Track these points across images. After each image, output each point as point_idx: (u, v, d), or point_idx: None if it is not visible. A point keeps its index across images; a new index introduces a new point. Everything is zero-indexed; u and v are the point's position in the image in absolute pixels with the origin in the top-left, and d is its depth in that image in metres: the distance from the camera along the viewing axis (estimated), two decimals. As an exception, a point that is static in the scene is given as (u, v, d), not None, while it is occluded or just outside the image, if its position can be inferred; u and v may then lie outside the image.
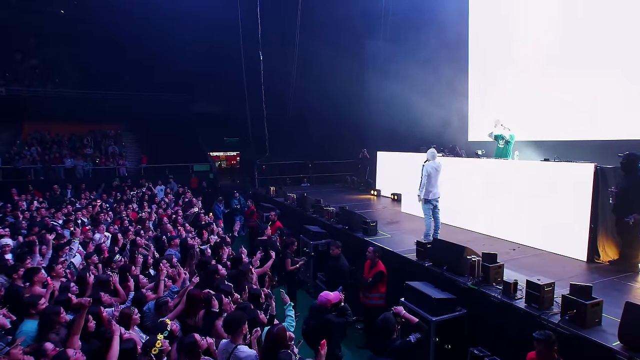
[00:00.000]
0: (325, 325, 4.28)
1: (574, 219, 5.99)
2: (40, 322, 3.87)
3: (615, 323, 3.69)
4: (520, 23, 11.29)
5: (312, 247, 8.02)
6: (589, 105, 9.23)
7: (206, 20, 17.84)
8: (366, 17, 15.05)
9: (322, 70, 15.13)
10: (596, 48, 9.12)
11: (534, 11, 10.86)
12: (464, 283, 5.12)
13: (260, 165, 15.73)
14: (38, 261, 6.00)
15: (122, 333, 3.64)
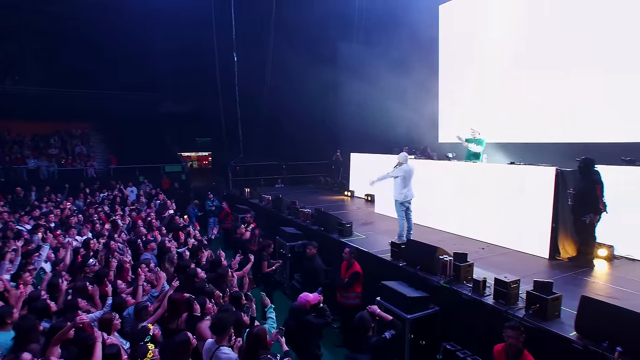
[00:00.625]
0: (304, 325, 4.42)
1: (537, 219, 6.37)
2: (17, 336, 3.80)
3: (572, 315, 4.00)
4: (488, 26, 11.77)
5: (289, 248, 8.13)
6: (555, 108, 9.76)
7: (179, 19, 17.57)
8: (340, 21, 15.26)
9: (295, 72, 15.22)
10: (561, 51, 9.67)
11: (501, 15, 11.35)
12: (436, 282, 5.37)
13: (234, 167, 15.65)
14: (7, 268, 5.83)
15: (105, 339, 3.65)
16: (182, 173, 20.92)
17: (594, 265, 5.89)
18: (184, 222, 9.39)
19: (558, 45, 9.79)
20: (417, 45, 13.90)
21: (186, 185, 19.96)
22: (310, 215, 8.95)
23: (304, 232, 8.57)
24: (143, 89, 24.39)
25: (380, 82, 14.41)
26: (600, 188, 5.64)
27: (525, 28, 10.71)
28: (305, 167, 17.28)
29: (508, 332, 3.64)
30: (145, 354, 3.42)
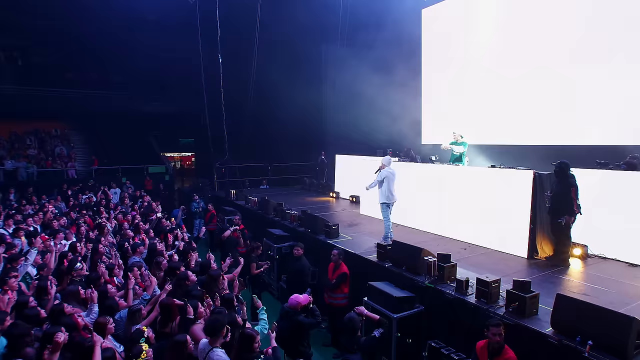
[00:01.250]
0: (296, 326, 4.56)
1: (516, 221, 6.65)
2: (10, 342, 3.83)
3: (549, 312, 4.23)
4: (470, 30, 12.05)
5: (276, 250, 8.25)
6: (534, 111, 10.06)
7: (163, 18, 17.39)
8: (324, 24, 15.41)
9: (280, 74, 15.31)
10: (539, 54, 10.00)
11: (482, 19, 11.63)
12: (421, 282, 5.57)
13: (219, 168, 15.65)
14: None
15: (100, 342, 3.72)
16: (165, 174, 20.76)
17: (569, 264, 6.19)
18: (171, 225, 9.38)
19: (536, 49, 10.10)
20: (400, 48, 14.18)
21: (170, 186, 19.83)
22: (297, 217, 9.08)
23: (291, 234, 8.69)
24: (124, 88, 24.00)
25: (363, 85, 14.61)
26: (575, 191, 5.95)
27: (506, 32, 11.01)
28: (290, 168, 17.39)
29: (492, 329, 3.85)
30: (139, 354, 3.51)
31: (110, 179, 17.73)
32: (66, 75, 24.07)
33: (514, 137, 10.61)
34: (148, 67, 23.32)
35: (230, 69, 14.29)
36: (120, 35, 20.75)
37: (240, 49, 14.76)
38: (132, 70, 22.84)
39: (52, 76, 23.14)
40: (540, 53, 10.06)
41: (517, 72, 10.58)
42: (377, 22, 14.09)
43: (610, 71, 8.65)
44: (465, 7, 12.43)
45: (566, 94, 9.45)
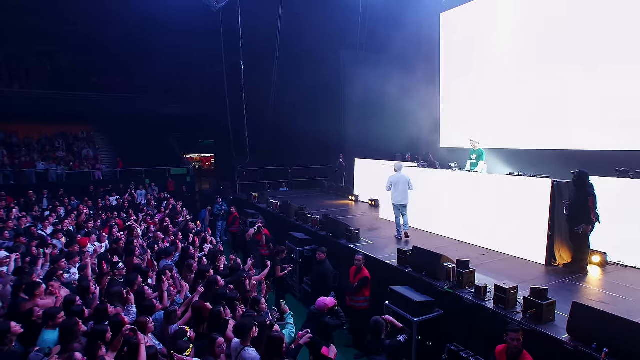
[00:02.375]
0: (322, 327, 4.82)
1: (535, 227, 6.79)
2: (62, 333, 4.22)
3: (565, 319, 4.40)
4: (489, 34, 12.08)
5: (298, 253, 8.55)
6: (555, 115, 10.04)
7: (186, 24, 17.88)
8: (343, 29, 15.63)
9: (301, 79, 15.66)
10: (560, 59, 9.97)
11: (502, 22, 11.63)
12: (441, 287, 5.78)
13: (241, 171, 16.06)
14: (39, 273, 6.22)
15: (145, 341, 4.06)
16: (187, 175, 21.33)
17: (587, 271, 6.31)
18: (197, 228, 9.75)
19: (555, 51, 10.09)
20: (419, 52, 14.33)
21: (192, 187, 20.37)
22: (319, 222, 9.34)
23: (313, 238, 8.98)
24: (146, 92, 24.71)
25: (382, 89, 14.81)
26: (593, 200, 6.06)
27: (524, 35, 11.01)
28: (309, 171, 17.69)
29: (510, 334, 4.03)
30: (184, 351, 3.84)
31: (134, 181, 18.35)
32: (91, 79, 24.97)
33: (533, 141, 10.62)
34: (169, 71, 24.02)
35: (251, 74, 14.65)
36: (143, 40, 21.43)
37: (261, 54, 15.11)
38: (154, 74, 23.56)
39: (78, 80, 24.08)
40: (559, 56, 10.03)
41: (536, 75, 10.58)
42: (396, 27, 14.25)
43: (633, 73, 8.58)
44: (484, 11, 12.48)
45: (586, 97, 9.38)
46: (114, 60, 23.22)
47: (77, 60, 24.79)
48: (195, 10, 14.79)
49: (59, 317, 4.43)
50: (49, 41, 23.97)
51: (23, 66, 24.63)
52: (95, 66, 24.47)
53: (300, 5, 15.02)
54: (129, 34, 21.28)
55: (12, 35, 22.79)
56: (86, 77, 24.75)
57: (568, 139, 9.76)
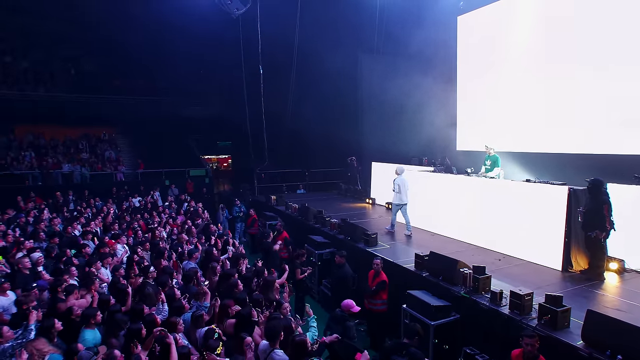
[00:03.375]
0: (343, 330, 5.04)
1: (551, 233, 6.87)
2: (106, 330, 4.55)
3: (581, 325, 4.52)
4: (506, 37, 11.98)
5: (317, 256, 8.78)
6: (573, 119, 9.89)
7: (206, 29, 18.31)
8: (360, 32, 15.79)
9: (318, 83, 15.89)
10: (580, 63, 9.80)
11: (520, 25, 11.50)
12: (457, 292, 5.93)
13: (259, 174, 16.38)
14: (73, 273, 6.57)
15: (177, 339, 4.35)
16: (205, 177, 21.81)
17: (604, 278, 6.37)
18: (219, 230, 10.06)
19: (574, 54, 9.92)
20: (435, 55, 14.35)
21: (210, 188, 20.82)
22: (337, 225, 9.54)
23: (332, 241, 9.19)
24: (166, 94, 25.28)
25: (398, 92, 14.91)
26: (608, 208, 6.13)
27: (542, 38, 10.85)
28: (326, 174, 17.91)
29: (525, 339, 4.18)
30: (215, 348, 4.10)
31: (155, 182, 18.86)
32: (114, 82, 25.70)
33: (552, 144, 10.48)
34: (189, 75, 24.58)
35: (270, 78, 14.94)
36: (163, 44, 21.96)
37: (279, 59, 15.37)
38: (174, 78, 24.15)
39: (101, 83, 24.82)
40: (578, 57, 9.83)
41: (554, 78, 10.41)
42: (412, 30, 14.30)
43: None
44: (501, 14, 12.45)
45: (607, 100, 9.16)
46: (135, 64, 23.90)
47: (100, 64, 25.56)
48: (216, 16, 15.17)
49: (97, 316, 4.76)
50: (73, 46, 24.77)
51: (48, 70, 25.51)
52: (118, 70, 25.23)
53: (318, 10, 15.23)
54: (150, 38, 21.86)
55: (39, 41, 23.61)
56: (109, 81, 25.51)
57: (588, 143, 9.56)
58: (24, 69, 24.79)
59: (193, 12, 16.57)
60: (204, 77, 23.86)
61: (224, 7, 13.07)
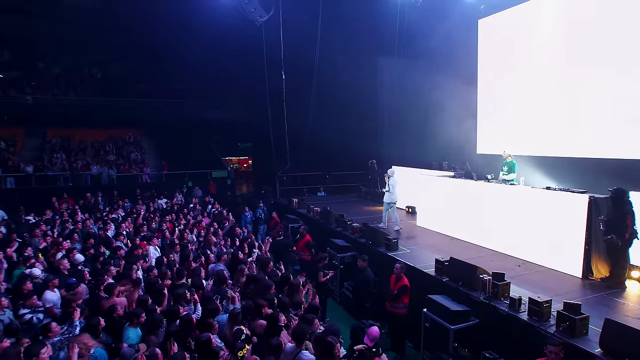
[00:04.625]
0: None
1: (571, 241, 6.95)
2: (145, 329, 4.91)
3: (599, 333, 4.63)
4: (528, 40, 11.92)
5: (339, 259, 9.03)
6: (595, 123, 9.79)
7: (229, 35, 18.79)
8: (381, 36, 15.96)
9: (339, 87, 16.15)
10: (601, 66, 9.69)
11: (541, 28, 11.41)
12: (476, 297, 6.10)
13: (281, 177, 16.72)
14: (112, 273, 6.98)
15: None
16: (227, 178, 22.33)
17: (625, 286, 6.42)
18: (244, 233, 10.39)
19: (598, 59, 9.79)
20: (456, 58, 14.41)
21: (232, 190, 21.31)
22: (359, 229, 9.77)
23: (353, 245, 9.42)
24: (190, 97, 25.95)
25: (419, 95, 15.04)
26: (631, 218, 6.19)
27: (565, 40, 10.72)
28: (347, 177, 18.16)
29: (550, 347, 4.31)
30: (241, 349, 4.38)
31: (178, 183, 19.43)
32: (138, 85, 26.56)
33: (573, 149, 10.36)
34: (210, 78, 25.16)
35: (291, 82, 15.26)
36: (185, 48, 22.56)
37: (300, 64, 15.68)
38: (195, 81, 24.78)
39: (125, 87, 25.74)
40: (600, 60, 9.71)
41: (575, 82, 10.31)
42: (433, 35, 14.40)
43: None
44: (523, 17, 12.40)
45: (631, 103, 9.03)
46: (159, 68, 24.61)
47: (125, 68, 26.48)
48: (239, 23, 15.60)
49: (142, 317, 5.12)
50: (100, 51, 25.71)
51: (78, 75, 26.54)
52: (142, 73, 26.05)
53: (339, 16, 15.48)
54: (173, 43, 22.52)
55: (68, 47, 24.57)
56: (133, 84, 26.38)
57: (609, 147, 9.45)
58: (56, 74, 25.89)
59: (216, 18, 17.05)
60: (225, 81, 24.37)
61: (248, 15, 13.44)
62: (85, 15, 23.46)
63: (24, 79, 24.51)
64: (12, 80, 24.13)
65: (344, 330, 5.27)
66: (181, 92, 26.05)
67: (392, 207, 10.58)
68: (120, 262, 7.52)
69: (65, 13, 23.07)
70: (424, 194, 10.95)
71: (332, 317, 7.60)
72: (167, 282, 6.66)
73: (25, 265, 6.91)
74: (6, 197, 15.77)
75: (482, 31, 14.33)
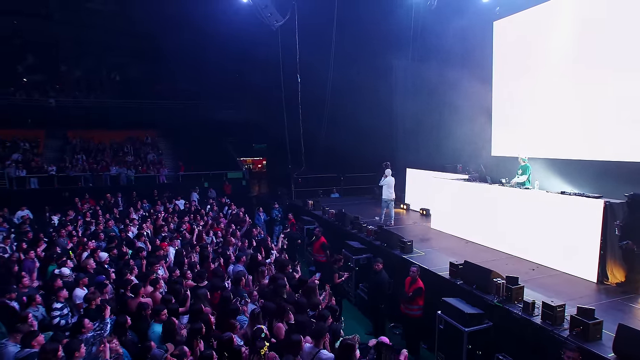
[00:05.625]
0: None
1: (586, 245, 6.98)
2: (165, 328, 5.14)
3: (613, 338, 4.71)
4: (543, 42, 11.86)
5: (354, 261, 9.19)
6: (612, 125, 9.69)
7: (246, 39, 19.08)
8: (396, 39, 16.02)
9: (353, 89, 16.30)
10: (618, 69, 9.58)
11: (557, 30, 11.30)
12: (490, 300, 6.20)
13: (296, 179, 16.94)
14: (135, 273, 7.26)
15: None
16: (242, 179, 22.66)
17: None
18: (261, 234, 10.61)
19: (615, 61, 9.68)
20: (471, 61, 14.41)
21: (246, 190, 21.63)
22: (374, 232, 9.91)
23: (368, 247, 9.58)
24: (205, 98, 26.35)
25: (433, 98, 15.09)
26: (648, 223, 6.22)
27: (582, 42, 10.57)
28: (361, 179, 18.30)
29: (567, 353, 4.41)
30: (262, 347, 4.58)
31: (193, 184, 19.78)
32: (155, 87, 27.07)
33: (588, 152, 10.25)
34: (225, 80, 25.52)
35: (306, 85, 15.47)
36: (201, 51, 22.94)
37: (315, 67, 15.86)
38: (212, 84, 25.12)
39: (142, 89, 26.24)
40: (617, 63, 9.61)
41: (591, 84, 10.18)
42: (448, 37, 14.41)
43: None
44: (538, 18, 12.34)
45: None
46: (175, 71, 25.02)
47: (142, 71, 27.02)
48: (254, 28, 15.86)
49: (163, 313, 5.37)
50: (119, 54, 26.29)
51: (98, 78, 27.20)
52: (159, 75, 26.57)
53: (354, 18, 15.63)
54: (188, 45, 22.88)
55: (89, 50, 25.21)
56: (150, 86, 26.91)
57: (626, 151, 9.34)
58: (77, 77, 26.59)
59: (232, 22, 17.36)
60: (240, 83, 24.68)
61: (264, 20, 13.68)
62: (106, 19, 24.08)
63: (48, 82, 25.24)
64: (36, 84, 24.84)
65: (358, 330, 5.46)
66: (197, 93, 26.46)
67: (389, 205, 11.19)
68: (142, 262, 7.80)
69: (87, 17, 23.71)
70: (438, 197, 11.03)
71: (347, 318, 7.75)
72: (189, 282, 6.95)
73: (58, 263, 7.22)
74: (31, 197, 16.31)
75: (497, 33, 14.30)
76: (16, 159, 19.08)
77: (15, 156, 19.31)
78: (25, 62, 24.66)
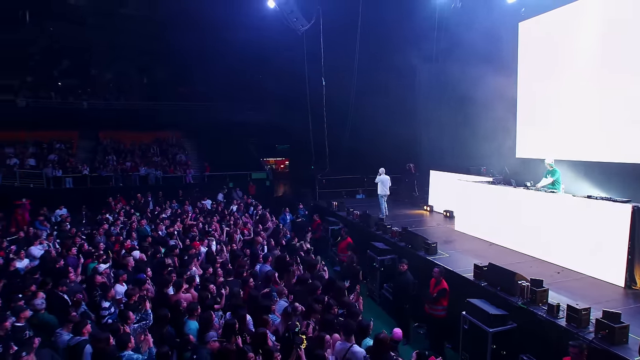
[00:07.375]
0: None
1: (614, 250, 6.96)
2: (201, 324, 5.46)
3: (639, 343, 4.78)
4: (570, 43, 11.72)
5: (379, 262, 9.38)
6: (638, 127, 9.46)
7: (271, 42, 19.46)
8: (419, 40, 16.07)
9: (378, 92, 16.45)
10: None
11: (584, 31, 11.14)
12: (515, 302, 6.30)
13: (321, 180, 17.20)
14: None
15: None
16: (266, 180, 23.09)
17: (670, 297, 6.42)
18: (287, 235, 10.90)
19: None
20: (496, 61, 14.33)
21: (270, 191, 22.03)
22: (398, 233, 10.08)
23: (392, 248, 9.74)
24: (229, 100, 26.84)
25: (457, 100, 15.07)
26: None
27: (610, 42, 10.38)
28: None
29: (572, 349, 4.58)
30: (301, 343, 4.83)
31: (219, 185, 20.29)
32: (179, 89, 27.79)
33: (615, 154, 10.05)
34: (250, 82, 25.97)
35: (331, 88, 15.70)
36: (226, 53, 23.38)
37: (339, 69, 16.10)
38: (236, 85, 25.62)
39: (168, 91, 26.98)
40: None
41: (619, 85, 9.93)
42: (472, 38, 14.36)
43: None
44: (565, 19, 12.20)
45: None
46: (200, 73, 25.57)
47: (168, 73, 27.77)
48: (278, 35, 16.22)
49: (198, 310, 5.70)
50: (147, 57, 27.09)
51: (127, 81, 28.15)
52: (183, 78, 27.32)
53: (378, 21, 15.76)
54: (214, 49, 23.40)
55: (120, 54, 26.08)
56: (175, 88, 27.67)
57: None
58: (107, 80, 27.58)
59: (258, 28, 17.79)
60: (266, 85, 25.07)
61: (290, 24, 13.99)
62: (135, 24, 24.85)
63: (80, 86, 26.28)
64: (70, 87, 25.91)
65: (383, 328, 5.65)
66: (220, 95, 26.94)
67: (382, 199, 12.91)
68: (175, 260, 8.20)
69: (120, 22, 24.55)
70: (462, 199, 11.09)
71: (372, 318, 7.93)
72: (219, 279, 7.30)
73: (98, 260, 7.69)
74: (67, 196, 17.10)
75: (522, 34, 14.18)
76: (52, 159, 19.99)
77: (52, 157, 20.23)
78: (60, 67, 25.69)
